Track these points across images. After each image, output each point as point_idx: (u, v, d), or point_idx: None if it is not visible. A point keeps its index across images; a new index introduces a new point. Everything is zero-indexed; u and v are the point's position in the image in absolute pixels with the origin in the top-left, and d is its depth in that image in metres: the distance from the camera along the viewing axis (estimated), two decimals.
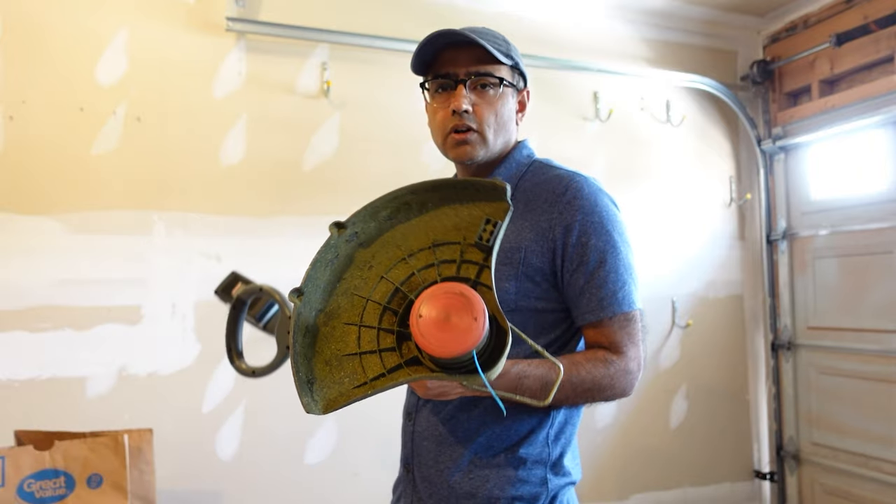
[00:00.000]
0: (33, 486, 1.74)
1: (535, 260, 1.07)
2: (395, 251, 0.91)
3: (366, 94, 2.62)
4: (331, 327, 0.87)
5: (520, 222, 1.10)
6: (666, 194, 3.14)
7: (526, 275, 1.07)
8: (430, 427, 1.13)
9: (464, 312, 0.77)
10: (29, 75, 2.20)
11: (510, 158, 1.19)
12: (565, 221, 1.06)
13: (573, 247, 1.06)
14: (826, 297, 3.02)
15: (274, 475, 2.42)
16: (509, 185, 0.89)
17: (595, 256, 1.05)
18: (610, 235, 1.06)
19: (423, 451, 1.13)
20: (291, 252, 2.47)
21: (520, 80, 1.21)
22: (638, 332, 1.07)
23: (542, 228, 1.08)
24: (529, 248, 1.07)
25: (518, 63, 1.18)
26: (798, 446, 3.12)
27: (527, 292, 1.07)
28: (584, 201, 1.07)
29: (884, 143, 2.77)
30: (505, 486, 1.07)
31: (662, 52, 3.16)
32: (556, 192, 1.09)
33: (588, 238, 1.05)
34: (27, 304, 2.15)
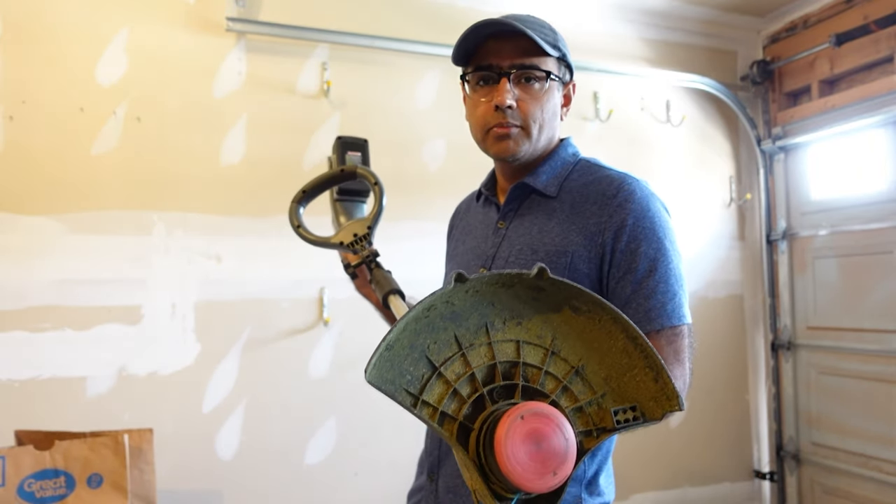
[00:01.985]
0: (33, 485, 1.74)
1: (583, 265, 1.01)
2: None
3: (366, 94, 2.62)
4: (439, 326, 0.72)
5: (567, 225, 1.04)
6: (666, 194, 3.11)
7: (574, 280, 0.97)
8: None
9: (556, 445, 0.63)
10: (29, 75, 2.20)
11: (555, 156, 1.12)
12: (615, 225, 1.00)
13: (622, 252, 1.00)
14: (826, 297, 3.02)
15: (274, 475, 2.42)
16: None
17: (645, 264, 0.99)
18: (661, 243, 1.00)
19: (451, 461, 1.07)
20: (291, 252, 2.47)
21: (566, 72, 1.14)
22: (685, 348, 1.01)
23: (590, 232, 1.02)
24: (577, 252, 1.01)
25: (566, 55, 1.11)
26: (798, 446, 3.12)
27: None
28: (637, 205, 1.01)
29: (884, 143, 2.77)
30: None
31: (662, 52, 3.16)
32: (606, 195, 1.03)
33: (639, 244, 0.99)
34: (27, 304, 2.15)
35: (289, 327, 2.45)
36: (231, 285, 2.39)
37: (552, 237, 1.04)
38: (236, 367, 2.38)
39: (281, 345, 2.44)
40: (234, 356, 2.38)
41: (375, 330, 2.60)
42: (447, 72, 2.75)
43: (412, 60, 2.70)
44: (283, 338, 2.44)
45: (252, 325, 2.41)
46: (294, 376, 2.45)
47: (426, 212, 2.55)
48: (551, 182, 1.09)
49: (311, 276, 2.50)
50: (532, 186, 1.09)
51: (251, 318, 2.41)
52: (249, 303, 2.41)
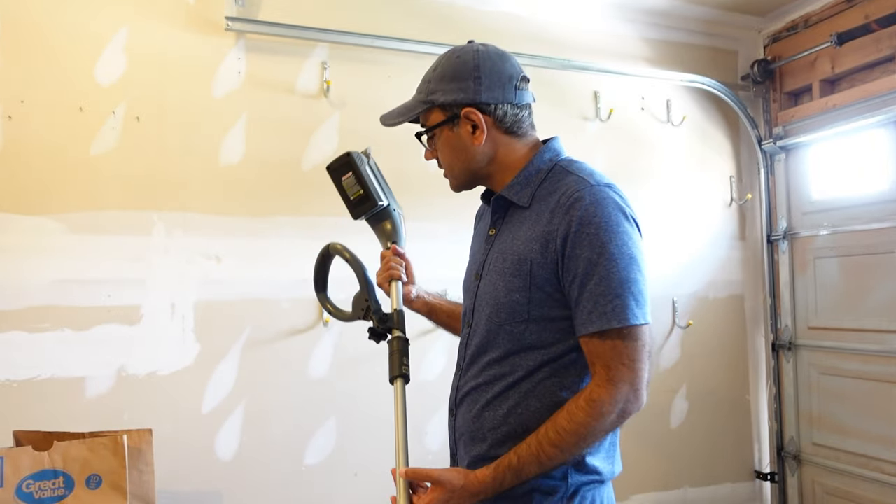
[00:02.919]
0: (32, 486, 1.74)
1: (540, 272, 1.09)
2: None
3: (366, 93, 2.61)
4: None
5: (531, 233, 1.12)
6: (666, 194, 3.13)
7: (535, 285, 1.10)
8: (466, 423, 1.21)
9: None
10: (27, 74, 2.19)
11: (528, 166, 1.19)
12: (563, 232, 1.07)
13: (568, 258, 1.06)
14: (827, 297, 3.01)
15: (274, 475, 2.41)
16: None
17: (587, 268, 1.04)
18: (605, 247, 1.04)
19: (461, 445, 1.22)
20: (291, 252, 2.46)
21: (452, 107, 1.19)
22: (634, 350, 1.04)
23: (545, 239, 1.09)
24: (535, 259, 1.10)
25: (435, 102, 1.20)
26: (799, 447, 3.11)
27: (539, 302, 1.10)
28: (583, 211, 1.06)
29: (885, 142, 2.76)
30: None
31: (663, 52, 3.16)
32: (560, 202, 1.09)
33: (582, 249, 1.05)
34: (26, 304, 2.15)
35: (289, 327, 2.44)
36: (231, 285, 2.38)
37: (519, 245, 1.13)
38: (236, 368, 2.38)
39: (281, 345, 2.43)
40: (233, 356, 2.38)
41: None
42: None
43: (412, 60, 2.69)
44: (283, 338, 2.44)
45: (252, 325, 2.40)
46: (294, 377, 2.45)
47: (427, 212, 2.55)
48: (523, 193, 1.18)
49: (310, 277, 2.48)
50: (506, 198, 1.20)
51: (251, 318, 2.40)
52: (249, 303, 2.40)
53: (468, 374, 1.22)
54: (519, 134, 1.22)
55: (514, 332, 1.13)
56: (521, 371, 1.13)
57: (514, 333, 1.13)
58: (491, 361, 1.17)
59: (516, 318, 1.12)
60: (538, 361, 1.11)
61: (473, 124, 1.18)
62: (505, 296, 1.13)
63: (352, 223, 2.56)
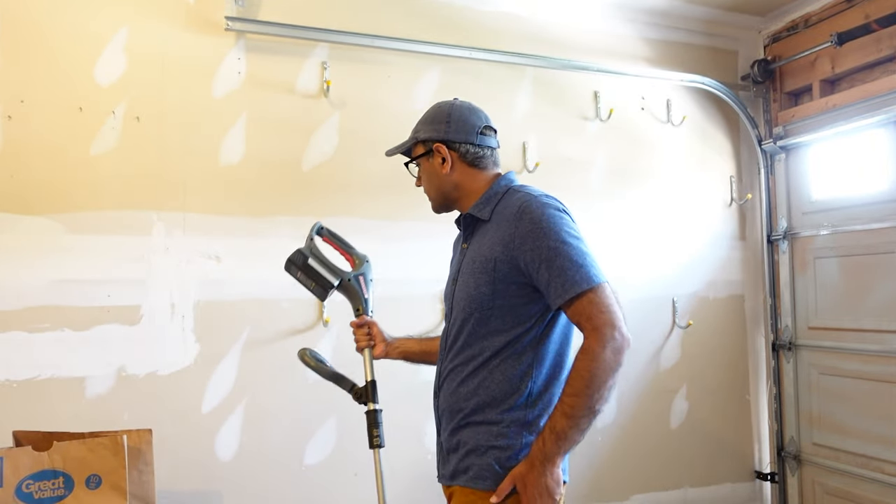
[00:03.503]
0: (32, 486, 1.74)
1: (503, 266, 1.37)
2: None
3: (366, 93, 2.62)
4: None
5: (494, 239, 1.41)
6: (666, 194, 3.13)
7: (498, 279, 1.37)
8: (447, 399, 1.47)
9: None
10: (27, 74, 2.19)
11: (488, 191, 1.50)
12: (520, 234, 1.35)
13: (531, 251, 1.33)
14: (827, 297, 3.01)
15: (274, 475, 2.41)
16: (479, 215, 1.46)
17: (550, 253, 1.31)
18: (558, 234, 1.33)
19: (443, 419, 1.48)
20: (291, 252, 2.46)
21: (427, 145, 1.54)
22: (603, 301, 1.29)
23: (505, 242, 1.37)
24: (499, 258, 1.38)
25: (419, 137, 1.55)
26: (799, 447, 3.11)
27: (501, 292, 1.38)
28: (531, 215, 1.36)
29: (885, 142, 2.76)
30: (489, 438, 1.37)
31: (663, 52, 3.16)
32: (512, 213, 1.39)
33: (541, 241, 1.32)
34: (25, 305, 2.15)
35: (288, 327, 2.44)
36: (230, 285, 2.38)
37: (485, 249, 1.42)
38: (236, 368, 2.38)
39: (281, 345, 2.43)
40: (233, 356, 2.38)
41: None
42: (447, 71, 2.75)
43: (412, 60, 2.69)
44: (282, 338, 2.44)
45: (251, 325, 2.40)
46: (294, 377, 2.44)
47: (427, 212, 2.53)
48: (485, 210, 1.47)
49: None
50: (473, 216, 1.50)
51: (251, 318, 2.40)
52: (249, 303, 2.40)
53: (447, 359, 1.48)
54: (480, 168, 1.53)
55: (482, 318, 1.40)
56: (489, 352, 1.39)
57: (481, 320, 1.40)
58: (464, 346, 1.43)
59: (483, 307, 1.39)
60: (501, 343, 1.38)
61: (442, 157, 1.51)
62: (475, 289, 1.41)
63: (351, 224, 2.57)
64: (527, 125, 2.88)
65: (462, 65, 2.75)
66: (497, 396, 1.37)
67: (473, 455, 1.38)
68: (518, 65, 2.83)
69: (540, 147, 2.89)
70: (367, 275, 1.77)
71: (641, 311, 3.03)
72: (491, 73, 2.81)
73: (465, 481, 1.38)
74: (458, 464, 1.41)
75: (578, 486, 2.84)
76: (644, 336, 3.04)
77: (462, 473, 1.39)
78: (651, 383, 3.04)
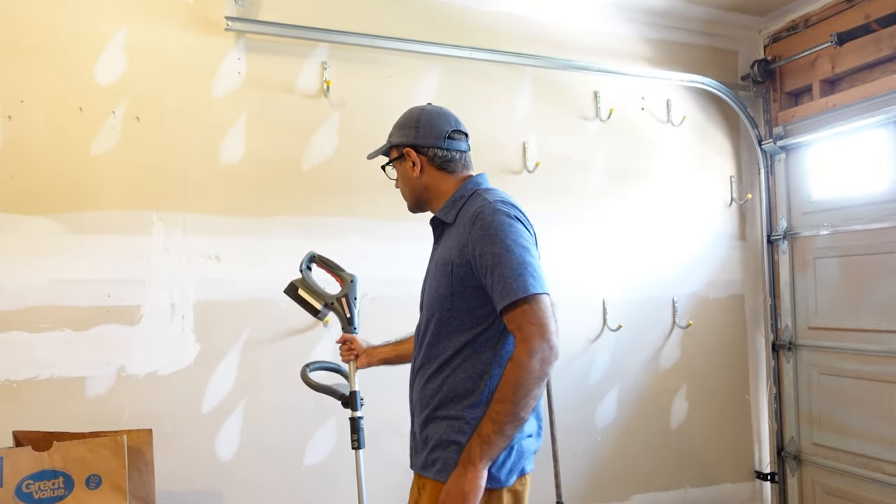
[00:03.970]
0: (32, 486, 1.74)
1: (459, 270, 1.44)
2: None
3: (366, 93, 2.62)
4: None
5: (453, 243, 1.48)
6: (666, 194, 3.13)
7: (455, 282, 1.44)
8: (416, 394, 1.56)
9: None
10: (27, 74, 2.19)
11: (454, 195, 1.56)
12: (473, 239, 1.41)
13: (479, 256, 1.40)
14: (827, 297, 3.01)
15: (273, 475, 2.41)
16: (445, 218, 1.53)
17: (494, 259, 1.37)
18: (503, 243, 1.38)
19: (415, 413, 1.56)
20: (291, 252, 2.46)
21: (399, 149, 1.61)
22: (536, 312, 1.34)
23: (461, 246, 1.44)
24: (455, 262, 1.45)
25: (393, 143, 1.63)
26: (799, 447, 3.11)
27: (459, 294, 1.44)
28: (483, 222, 1.41)
29: (885, 142, 2.76)
30: (451, 433, 1.43)
31: (663, 52, 3.16)
32: (469, 219, 1.45)
33: (487, 247, 1.38)
34: (26, 304, 2.15)
35: (288, 327, 2.44)
36: (230, 285, 2.38)
37: (446, 252, 1.49)
38: (236, 368, 2.38)
39: (280, 345, 2.43)
40: (233, 356, 2.38)
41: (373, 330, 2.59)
42: (447, 71, 2.75)
43: (412, 60, 2.69)
44: (282, 338, 2.44)
45: (251, 325, 2.40)
46: (294, 377, 2.44)
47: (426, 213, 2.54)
48: (450, 213, 1.54)
49: None
50: (440, 219, 1.57)
51: (251, 318, 2.40)
52: (249, 303, 2.40)
53: (419, 356, 1.56)
54: (448, 171, 1.58)
55: (443, 318, 1.47)
56: (451, 350, 1.46)
57: (442, 321, 1.47)
58: (430, 344, 1.51)
59: (444, 308, 1.46)
60: (461, 342, 1.44)
61: (412, 161, 1.58)
62: (436, 291, 1.49)
63: (350, 224, 2.57)
64: (527, 125, 2.88)
65: (462, 65, 2.75)
66: (459, 393, 1.44)
67: (439, 449, 1.44)
68: (518, 65, 2.83)
69: (540, 147, 2.89)
70: (350, 294, 2.02)
71: (641, 311, 3.03)
72: (491, 73, 2.81)
73: (433, 474, 1.45)
74: (427, 457, 1.47)
75: (578, 486, 2.84)
76: (644, 336, 3.04)
77: (430, 466, 1.46)
78: (651, 383, 3.04)
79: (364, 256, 2.56)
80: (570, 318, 2.89)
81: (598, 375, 2.95)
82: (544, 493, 2.70)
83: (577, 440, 2.86)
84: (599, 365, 2.95)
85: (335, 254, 2.54)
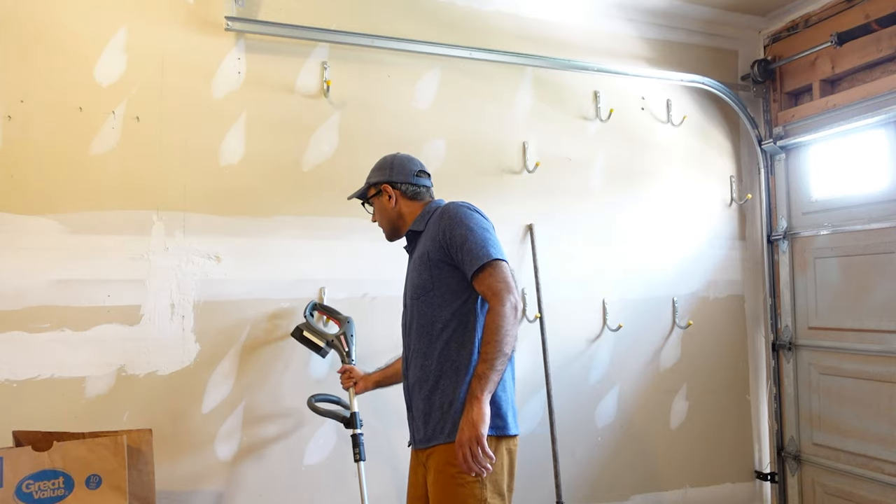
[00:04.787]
0: (32, 486, 1.74)
1: (435, 255, 1.76)
2: None
3: (365, 93, 2.62)
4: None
5: (427, 240, 1.81)
6: (666, 194, 3.13)
7: (433, 265, 1.76)
8: (415, 374, 1.79)
9: None
10: (27, 74, 2.19)
11: (423, 212, 1.90)
12: (443, 230, 1.76)
13: (450, 238, 1.73)
14: (827, 297, 3.01)
15: (273, 475, 2.41)
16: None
17: (461, 239, 1.72)
18: (467, 226, 1.73)
19: (414, 391, 1.80)
20: (291, 252, 2.46)
21: (376, 187, 1.95)
22: (501, 272, 1.67)
23: (433, 236, 1.79)
24: (431, 250, 1.77)
25: (370, 183, 1.98)
26: (799, 447, 3.11)
27: (437, 276, 1.76)
28: (449, 213, 1.78)
29: (885, 142, 2.76)
30: (455, 395, 1.69)
31: (663, 52, 3.16)
32: (438, 216, 1.81)
33: (456, 230, 1.73)
34: (26, 305, 2.15)
35: (289, 327, 2.44)
36: (230, 285, 2.38)
37: (421, 248, 1.83)
38: (236, 368, 2.38)
39: (280, 345, 2.43)
40: (233, 356, 2.38)
41: (373, 329, 2.60)
42: (447, 71, 2.75)
43: (412, 60, 2.69)
44: (282, 338, 2.44)
45: (251, 325, 2.40)
46: (294, 377, 2.45)
47: None
48: (421, 223, 1.88)
49: (310, 276, 2.49)
50: (413, 230, 1.91)
51: (251, 318, 2.40)
52: (249, 303, 2.40)
53: (410, 343, 1.82)
54: (418, 200, 1.95)
55: (426, 299, 1.77)
56: (440, 324, 1.74)
57: (426, 302, 1.77)
58: (420, 326, 1.78)
59: (426, 290, 1.77)
60: (447, 316, 1.74)
61: (388, 195, 1.93)
62: (417, 278, 1.80)
63: (350, 224, 2.58)
64: (527, 125, 2.88)
65: (462, 65, 2.75)
66: (456, 360, 1.71)
67: (448, 413, 1.68)
68: (518, 65, 2.83)
69: (540, 147, 2.89)
70: (348, 332, 2.34)
71: (641, 311, 3.03)
72: (491, 73, 2.81)
73: (445, 438, 1.68)
74: (436, 425, 1.70)
75: (578, 486, 2.84)
76: (644, 336, 3.04)
77: (440, 432, 1.69)
78: (651, 383, 3.04)
79: (364, 256, 2.56)
80: (571, 318, 2.89)
81: (598, 375, 2.95)
82: (544, 493, 2.70)
83: (577, 440, 2.86)
84: (599, 365, 2.95)
85: (335, 254, 2.55)
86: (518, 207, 2.83)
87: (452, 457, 1.61)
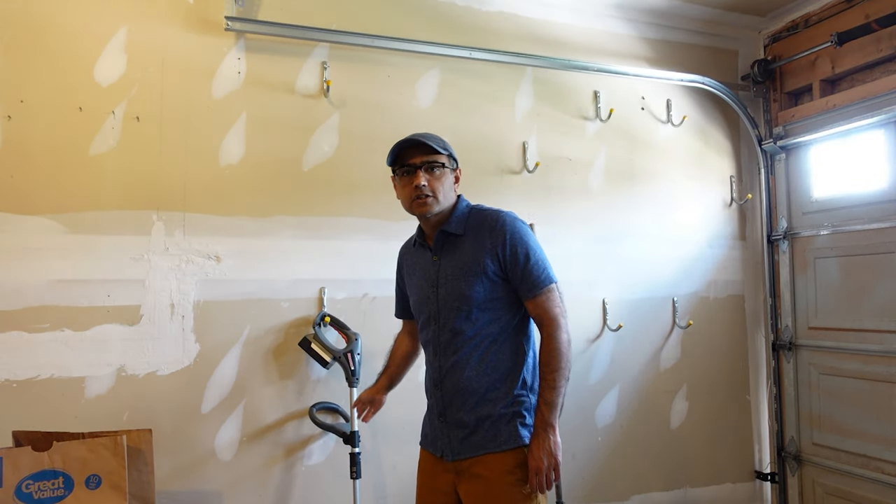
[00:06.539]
0: (32, 486, 1.74)
1: (490, 268, 1.71)
2: None
3: (366, 93, 2.62)
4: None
5: (474, 248, 1.73)
6: (666, 194, 3.13)
7: (487, 278, 1.71)
8: (455, 387, 1.74)
9: None
10: (27, 74, 2.19)
11: (457, 211, 1.80)
12: (501, 242, 1.71)
13: (511, 255, 1.70)
14: (827, 297, 3.01)
15: (274, 475, 2.41)
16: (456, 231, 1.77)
17: (523, 258, 1.70)
18: (528, 245, 1.71)
19: (451, 407, 1.74)
20: (291, 252, 2.46)
21: (454, 163, 1.82)
22: (559, 297, 1.73)
23: (488, 248, 1.72)
24: (485, 261, 1.71)
25: (451, 154, 1.81)
26: (799, 447, 3.11)
27: (490, 289, 1.71)
28: (507, 226, 1.72)
29: (885, 142, 2.76)
30: (508, 409, 1.71)
31: (663, 52, 3.16)
32: (490, 225, 1.74)
33: (516, 247, 1.70)
34: (26, 305, 2.15)
35: (288, 327, 2.44)
36: (230, 285, 2.38)
37: (468, 257, 1.74)
38: (235, 368, 2.38)
39: (280, 345, 2.43)
40: (233, 356, 2.38)
41: (373, 329, 2.60)
42: (447, 71, 2.75)
43: (412, 60, 2.69)
44: (282, 338, 2.44)
45: (251, 325, 2.40)
46: (293, 377, 2.44)
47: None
48: (459, 226, 1.77)
49: (310, 276, 2.49)
50: (448, 231, 1.78)
51: (250, 318, 2.40)
52: (249, 303, 2.40)
53: (447, 355, 1.74)
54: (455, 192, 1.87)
55: (479, 313, 1.71)
56: (488, 340, 1.72)
57: (477, 314, 1.71)
58: (465, 339, 1.72)
59: (478, 302, 1.71)
60: (497, 329, 1.72)
61: (458, 177, 1.85)
62: (468, 290, 1.71)
63: (350, 224, 2.58)
64: (527, 125, 2.88)
65: (462, 65, 2.75)
66: (503, 371, 1.71)
67: (500, 424, 1.70)
68: (518, 65, 2.83)
69: (540, 147, 2.89)
70: (354, 350, 2.38)
71: (641, 311, 3.03)
72: (491, 73, 2.82)
73: (495, 447, 1.69)
74: (485, 434, 1.70)
75: (578, 486, 2.84)
76: (644, 336, 3.04)
77: (490, 442, 1.69)
78: (651, 383, 3.04)
79: (364, 256, 2.56)
80: (571, 317, 2.86)
81: (598, 375, 2.95)
82: None
83: (577, 440, 2.86)
84: (599, 365, 2.95)
85: (335, 253, 2.55)
86: (518, 207, 2.78)
87: (509, 465, 1.67)
